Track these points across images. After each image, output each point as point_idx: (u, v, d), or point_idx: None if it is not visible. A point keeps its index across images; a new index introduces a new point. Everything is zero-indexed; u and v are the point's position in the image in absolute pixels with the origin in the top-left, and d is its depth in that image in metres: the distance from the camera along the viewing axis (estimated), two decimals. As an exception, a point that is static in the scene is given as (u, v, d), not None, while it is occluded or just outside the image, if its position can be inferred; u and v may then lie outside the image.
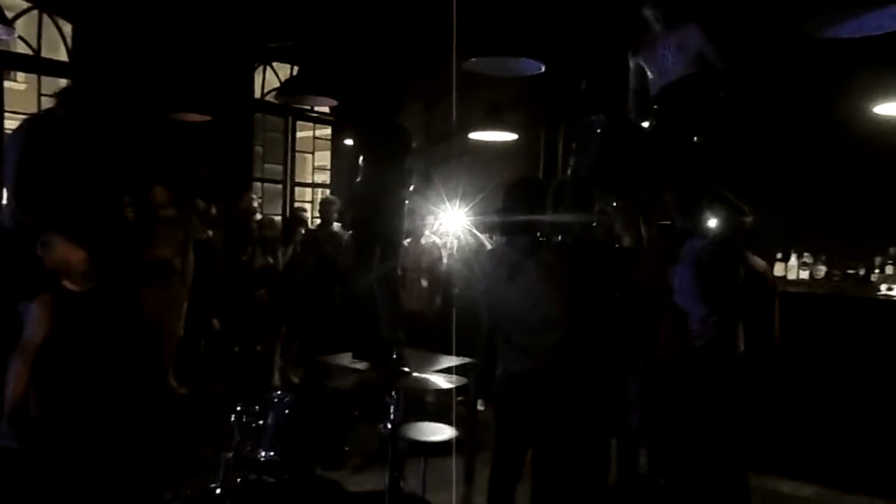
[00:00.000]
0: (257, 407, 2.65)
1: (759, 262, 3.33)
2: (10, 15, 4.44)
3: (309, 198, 9.09)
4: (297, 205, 8.36)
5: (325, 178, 9.18)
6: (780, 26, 3.13)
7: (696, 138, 3.17)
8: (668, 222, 3.06)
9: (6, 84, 6.02)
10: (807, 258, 5.17)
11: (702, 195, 2.93)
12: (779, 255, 5.14)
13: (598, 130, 3.17)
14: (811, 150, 5.10)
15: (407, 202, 3.92)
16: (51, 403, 3.72)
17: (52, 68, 6.13)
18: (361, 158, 3.88)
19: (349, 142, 6.88)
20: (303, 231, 6.34)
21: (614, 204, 3.27)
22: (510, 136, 6.12)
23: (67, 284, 3.47)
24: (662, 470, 3.37)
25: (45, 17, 6.11)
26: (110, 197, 4.11)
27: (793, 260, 5.18)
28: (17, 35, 5.27)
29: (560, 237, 2.92)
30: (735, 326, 2.93)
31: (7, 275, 3.59)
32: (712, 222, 2.91)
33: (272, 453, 2.59)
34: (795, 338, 3.60)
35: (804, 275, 5.16)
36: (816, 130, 5.07)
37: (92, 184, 3.67)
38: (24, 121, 3.79)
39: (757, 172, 4.63)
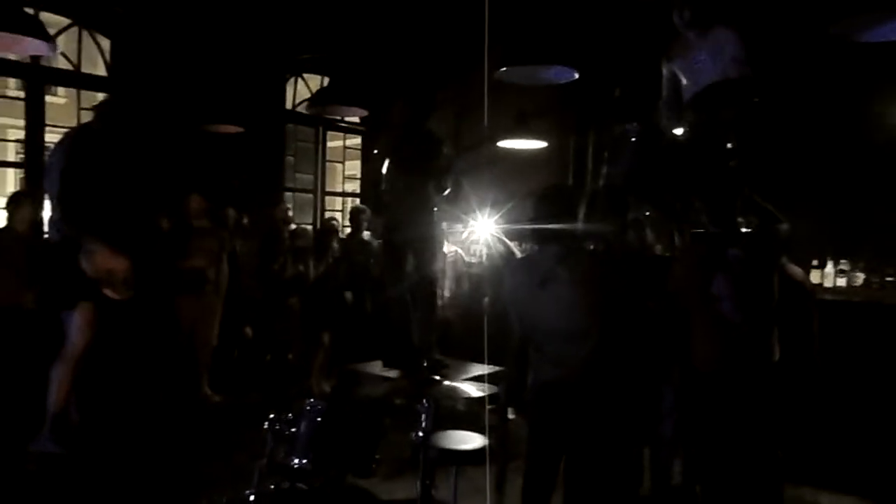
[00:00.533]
0: (290, 415, 2.68)
1: (797, 271, 3.27)
2: (51, 32, 4.57)
3: (339, 207, 9.17)
4: (327, 214, 8.44)
5: (355, 187, 9.26)
6: (815, 30, 3.09)
7: (729, 145, 3.13)
8: (701, 230, 3.02)
9: (47, 98, 6.19)
10: (844, 265, 5.06)
11: (735, 202, 2.90)
12: (815, 263, 5.04)
13: (632, 139, 3.15)
14: (848, 155, 5.01)
15: (438, 210, 3.92)
16: (91, 410, 3.81)
17: (92, 83, 6.29)
18: (392, 166, 3.89)
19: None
20: (335, 242, 6.40)
21: (647, 213, 3.24)
22: (539, 144, 6.11)
23: (108, 293, 3.56)
24: (697, 480, 3.32)
25: (85, 34, 6.28)
26: (148, 207, 4.20)
27: (829, 267, 5.07)
28: (59, 51, 5.42)
29: (592, 245, 2.91)
30: (770, 335, 2.88)
31: (51, 284, 3.69)
32: (746, 230, 2.87)
33: (305, 461, 2.61)
34: (832, 347, 3.53)
35: (841, 282, 5.05)
36: (853, 135, 4.97)
37: (130, 194, 3.76)
38: (66, 134, 3.90)
39: (792, 178, 4.55)
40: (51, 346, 3.73)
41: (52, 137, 6.22)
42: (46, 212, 4.54)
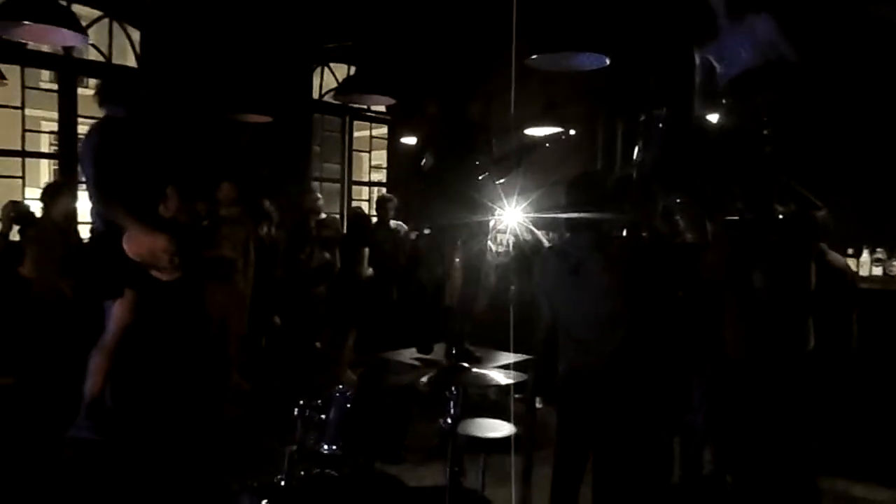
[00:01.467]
0: (320, 402, 2.70)
1: (839, 259, 3.21)
2: (83, 24, 4.63)
3: (366, 196, 9.20)
4: (353, 204, 8.47)
5: (381, 176, 9.28)
6: (854, 13, 3.01)
7: (764, 131, 3.07)
8: (736, 217, 2.97)
9: (79, 90, 6.28)
10: (880, 254, 4.96)
11: (771, 189, 2.84)
12: (850, 251, 4.94)
13: (666, 125, 3.11)
14: (885, 140, 4.88)
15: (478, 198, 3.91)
16: (125, 397, 3.88)
17: (123, 74, 6.36)
18: (435, 154, 3.88)
19: (406, 140, 6.95)
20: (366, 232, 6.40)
21: (678, 200, 3.19)
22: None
23: (156, 274, 3.59)
24: (728, 470, 3.29)
25: (115, 25, 6.36)
26: (182, 193, 4.25)
27: (865, 255, 4.97)
28: (90, 42, 5.49)
29: (622, 233, 2.88)
30: (805, 323, 2.82)
31: (94, 274, 3.76)
32: (782, 217, 2.82)
33: (335, 447, 2.63)
34: (869, 336, 3.46)
35: (877, 271, 4.95)
36: (890, 120, 4.84)
37: (161, 181, 3.80)
38: (92, 126, 3.95)
39: (827, 164, 4.45)
40: (88, 334, 3.80)
41: (83, 129, 6.32)
42: (81, 202, 4.62)
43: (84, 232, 5.10)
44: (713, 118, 3.47)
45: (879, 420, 4.14)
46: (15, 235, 5.00)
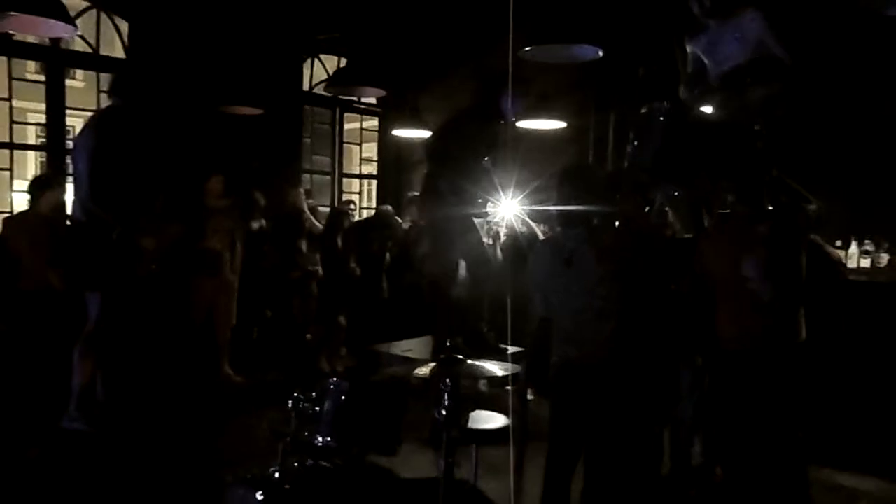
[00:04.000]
0: (313, 393, 2.70)
1: (835, 254, 3.24)
2: (70, 14, 4.58)
3: (356, 189, 9.18)
4: (344, 196, 8.45)
5: (372, 169, 9.26)
6: (843, 5, 3.02)
7: (755, 126, 3.09)
8: (727, 211, 2.99)
9: (66, 81, 6.22)
10: (868, 246, 5.01)
11: (762, 182, 2.86)
12: (838, 243, 4.99)
13: (661, 118, 3.11)
14: (872, 134, 4.92)
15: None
16: (116, 388, 3.87)
17: (110, 65, 6.31)
18: (451, 146, 3.89)
19: (397, 133, 6.94)
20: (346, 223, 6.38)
21: (675, 193, 3.21)
22: (558, 125, 6.07)
23: (137, 271, 3.60)
24: (718, 461, 3.32)
25: (103, 16, 6.29)
26: (171, 187, 4.23)
27: (853, 247, 5.02)
28: (78, 33, 5.44)
29: (617, 225, 2.89)
30: (796, 315, 2.86)
31: (76, 264, 3.74)
32: (773, 210, 2.84)
33: (329, 439, 2.64)
34: (856, 328, 3.50)
35: (865, 263, 5.00)
36: (877, 114, 4.88)
37: (154, 174, 3.79)
38: (93, 116, 3.93)
39: (816, 158, 4.49)
40: (77, 326, 3.79)
41: (71, 121, 6.27)
42: (70, 194, 4.58)
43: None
44: (705, 111, 3.48)
45: (865, 410, 4.20)
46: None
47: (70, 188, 4.92)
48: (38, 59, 6.74)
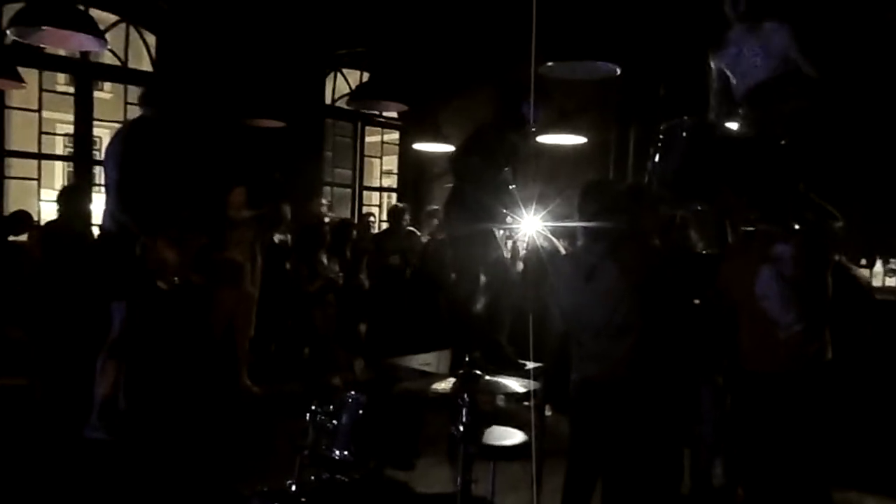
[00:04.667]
0: (331, 407, 2.70)
1: (863, 276, 3.19)
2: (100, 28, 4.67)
3: (377, 202, 9.23)
4: (364, 209, 8.50)
5: (392, 182, 9.31)
6: (869, 20, 3.00)
7: (782, 141, 3.06)
8: (752, 228, 2.95)
9: (94, 93, 6.34)
10: (893, 264, 4.94)
11: (789, 199, 2.82)
12: (863, 262, 4.92)
13: (684, 134, 3.09)
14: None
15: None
16: (138, 398, 3.90)
17: (138, 78, 6.43)
18: (479, 157, 3.89)
19: (418, 147, 6.97)
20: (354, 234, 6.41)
21: (697, 208, 3.18)
22: (579, 140, 6.06)
23: (160, 283, 3.64)
24: (739, 481, 3.27)
25: (132, 30, 6.42)
26: (197, 198, 4.29)
27: (878, 266, 4.95)
28: (107, 47, 5.55)
29: (637, 241, 2.87)
30: (822, 334, 2.80)
31: (103, 275, 3.79)
32: (799, 227, 2.80)
33: (346, 453, 2.64)
34: (882, 348, 3.43)
35: (890, 282, 4.92)
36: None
37: (182, 184, 3.84)
38: (123, 125, 3.99)
39: (842, 175, 4.43)
40: (101, 336, 3.83)
41: (99, 132, 6.39)
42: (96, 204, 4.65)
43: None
44: (728, 127, 3.45)
45: (891, 431, 4.11)
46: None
47: (97, 198, 5.01)
48: (68, 72, 6.88)
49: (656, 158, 3.14)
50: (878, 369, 3.81)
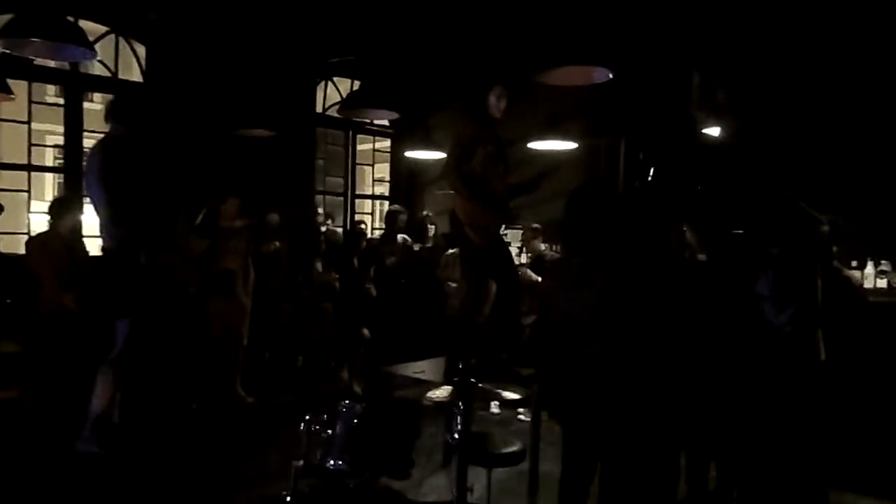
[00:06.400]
0: (326, 416, 2.69)
1: (856, 278, 3.22)
2: (90, 39, 4.66)
3: (369, 209, 9.23)
4: (357, 217, 8.50)
5: (384, 189, 9.31)
6: (863, 25, 3.02)
7: (767, 147, 3.08)
8: (742, 232, 2.97)
9: (84, 104, 6.32)
10: (884, 266, 4.97)
11: (776, 205, 2.85)
12: (854, 264, 4.95)
13: (674, 141, 3.11)
14: (889, 152, 4.90)
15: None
16: (132, 411, 3.88)
17: (128, 89, 6.41)
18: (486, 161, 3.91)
19: (409, 154, 6.99)
20: (364, 244, 6.43)
21: (687, 214, 3.19)
22: (570, 146, 6.07)
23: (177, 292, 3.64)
24: (734, 485, 3.27)
25: (122, 41, 6.41)
26: (189, 208, 4.28)
27: (869, 268, 4.98)
28: (98, 58, 5.54)
29: (630, 247, 2.87)
30: (814, 336, 2.82)
31: (107, 291, 3.78)
32: (787, 231, 2.82)
33: (341, 462, 2.63)
34: (873, 349, 3.45)
35: (881, 283, 4.95)
36: (892, 134, 4.86)
37: (171, 193, 3.83)
38: (94, 146, 3.97)
39: (831, 178, 4.46)
40: (94, 349, 3.81)
41: (89, 143, 6.36)
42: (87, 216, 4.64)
43: (89, 245, 5.13)
44: (715, 133, 3.48)
45: (886, 432, 4.12)
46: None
47: (88, 210, 4.99)
48: (58, 83, 6.85)
49: (647, 165, 3.16)
50: (872, 370, 3.83)
